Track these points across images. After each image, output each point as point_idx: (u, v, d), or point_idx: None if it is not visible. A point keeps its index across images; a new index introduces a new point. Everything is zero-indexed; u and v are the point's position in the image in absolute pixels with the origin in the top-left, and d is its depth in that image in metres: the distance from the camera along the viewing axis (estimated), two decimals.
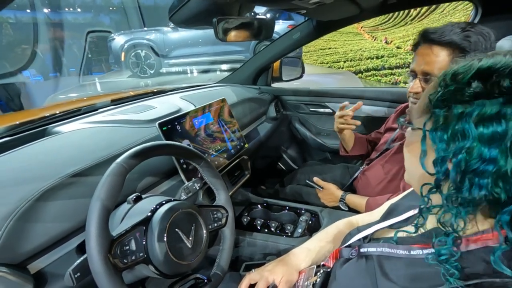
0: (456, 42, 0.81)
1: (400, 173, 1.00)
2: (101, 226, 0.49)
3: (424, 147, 0.40)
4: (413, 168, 0.45)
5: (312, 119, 1.74)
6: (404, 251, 0.43)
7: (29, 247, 0.54)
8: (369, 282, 0.45)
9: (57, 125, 0.94)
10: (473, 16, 1.16)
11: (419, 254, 0.41)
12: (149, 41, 6.58)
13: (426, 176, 0.40)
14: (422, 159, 0.40)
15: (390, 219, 0.56)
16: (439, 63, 0.83)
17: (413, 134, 0.45)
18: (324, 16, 1.18)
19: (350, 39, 10.17)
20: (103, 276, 0.47)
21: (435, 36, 0.84)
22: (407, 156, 0.47)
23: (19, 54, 5.96)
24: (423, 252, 0.41)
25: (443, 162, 0.37)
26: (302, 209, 1.09)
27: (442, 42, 0.82)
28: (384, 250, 0.46)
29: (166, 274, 0.58)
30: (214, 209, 0.74)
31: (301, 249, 0.74)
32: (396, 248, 0.45)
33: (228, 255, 0.74)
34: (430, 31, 0.86)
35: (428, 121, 0.40)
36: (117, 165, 0.55)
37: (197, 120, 1.01)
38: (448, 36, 0.82)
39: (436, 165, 0.37)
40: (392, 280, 0.42)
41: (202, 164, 0.75)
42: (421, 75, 0.87)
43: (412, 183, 0.47)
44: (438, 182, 0.38)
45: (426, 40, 0.86)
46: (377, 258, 0.47)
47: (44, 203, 0.58)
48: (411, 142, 0.45)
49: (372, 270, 0.46)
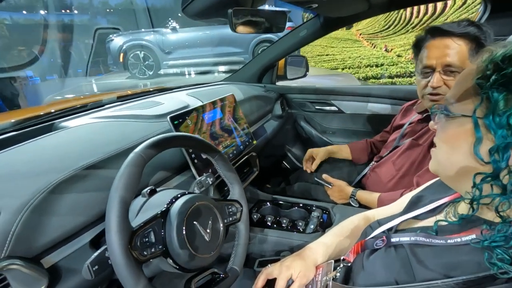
0: (472, 32, 0.82)
1: (412, 169, 1.00)
2: (122, 217, 0.47)
3: (479, 134, 0.37)
4: (452, 158, 0.42)
5: (318, 117, 1.73)
6: (441, 240, 0.42)
7: (44, 240, 0.53)
8: (403, 271, 0.43)
9: (64, 120, 0.92)
10: (481, 13, 1.16)
11: (458, 242, 0.40)
12: (148, 42, 6.56)
13: (474, 165, 0.38)
14: (477, 147, 0.38)
15: (415, 210, 0.55)
16: (460, 54, 0.83)
17: (452, 123, 0.42)
18: (333, 12, 1.17)
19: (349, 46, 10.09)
20: (124, 268, 0.45)
21: (449, 29, 0.84)
22: (443, 147, 0.44)
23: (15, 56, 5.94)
24: (462, 239, 0.40)
25: (506, 149, 0.35)
26: (312, 206, 1.08)
27: (459, 33, 0.83)
28: (419, 239, 0.45)
29: (184, 268, 0.56)
30: (229, 203, 0.73)
31: (317, 243, 0.72)
32: (432, 237, 0.43)
33: (243, 250, 0.72)
34: (440, 26, 0.86)
35: (479, 107, 0.38)
36: (135, 155, 0.54)
37: (207, 115, 1.00)
38: (463, 28, 0.83)
39: (497, 153, 0.35)
40: (429, 268, 0.41)
41: (217, 157, 0.73)
42: (441, 67, 0.86)
43: (447, 174, 0.45)
44: (498, 171, 0.36)
45: (440, 33, 0.87)
46: (409, 246, 0.46)
47: (57, 196, 0.57)
48: (449, 132, 0.43)
49: (405, 259, 0.44)
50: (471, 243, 0.39)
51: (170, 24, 7.04)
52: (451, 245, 0.41)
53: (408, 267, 0.43)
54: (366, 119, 1.61)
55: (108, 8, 10.93)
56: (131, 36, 6.69)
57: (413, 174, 0.97)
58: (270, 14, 0.86)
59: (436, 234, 0.44)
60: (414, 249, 0.45)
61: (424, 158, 0.96)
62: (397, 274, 0.44)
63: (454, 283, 0.37)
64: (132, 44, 6.53)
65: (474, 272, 0.36)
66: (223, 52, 6.75)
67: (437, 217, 0.50)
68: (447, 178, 0.46)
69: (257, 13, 0.80)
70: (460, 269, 0.38)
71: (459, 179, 0.43)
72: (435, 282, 0.38)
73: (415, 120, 1.09)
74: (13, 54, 6.04)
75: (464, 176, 0.41)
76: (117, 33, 6.74)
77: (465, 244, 0.40)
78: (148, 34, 6.72)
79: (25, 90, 3.99)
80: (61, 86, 6.11)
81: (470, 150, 0.39)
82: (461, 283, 0.36)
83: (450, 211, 0.48)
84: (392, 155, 1.12)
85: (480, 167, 0.38)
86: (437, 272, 0.40)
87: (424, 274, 0.41)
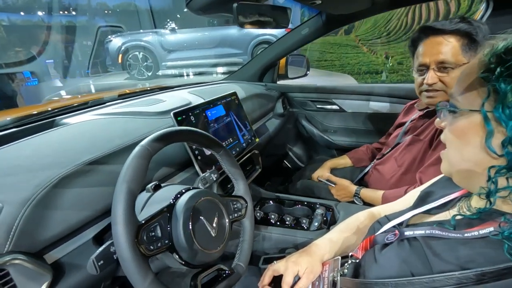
0: (462, 29, 0.85)
1: (414, 164, 0.99)
2: (128, 210, 0.46)
3: (490, 127, 0.37)
4: (464, 154, 0.42)
5: (319, 116, 1.73)
6: (457, 234, 0.42)
7: (47, 235, 0.51)
8: (420, 263, 0.43)
9: (65, 117, 0.91)
10: (484, 10, 1.16)
11: (475, 235, 0.40)
12: (147, 43, 6.55)
13: (487, 159, 0.38)
14: (489, 140, 0.37)
15: (425, 205, 0.54)
16: (452, 50, 0.86)
17: (460, 119, 0.42)
18: (336, 9, 1.17)
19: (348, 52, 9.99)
20: (131, 262, 0.44)
21: (441, 27, 0.87)
22: (454, 144, 0.44)
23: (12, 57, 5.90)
24: (480, 233, 0.39)
25: None
26: (316, 203, 1.07)
27: (449, 30, 0.86)
28: (434, 232, 0.44)
29: (189, 264, 0.56)
30: (234, 199, 0.72)
31: (323, 240, 0.72)
32: (448, 231, 0.43)
33: (249, 247, 0.71)
34: (431, 25, 0.90)
35: (487, 100, 0.37)
36: (141, 148, 0.53)
37: (210, 112, 0.99)
38: (454, 25, 0.86)
39: (511, 144, 0.35)
40: (446, 260, 0.40)
41: (222, 152, 0.73)
42: (435, 65, 0.89)
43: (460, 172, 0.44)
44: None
45: (432, 32, 0.90)
46: (423, 239, 0.45)
47: (61, 190, 0.56)
48: (458, 128, 0.42)
49: (421, 252, 0.44)
50: (490, 235, 0.38)
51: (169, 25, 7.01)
52: (468, 239, 0.40)
53: (424, 259, 0.43)
54: (367, 118, 1.61)
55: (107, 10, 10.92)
56: (130, 37, 6.67)
57: (415, 170, 0.97)
58: (274, 10, 0.85)
59: (454, 229, 0.43)
60: (428, 242, 0.44)
61: (425, 153, 0.96)
62: (413, 266, 0.43)
63: (473, 275, 0.36)
64: (131, 45, 6.51)
65: (501, 262, 0.36)
66: (222, 53, 6.75)
67: (450, 211, 0.49)
68: (459, 177, 0.45)
69: (262, 8, 0.79)
70: (477, 262, 0.38)
71: (472, 176, 0.42)
72: (452, 273, 0.38)
73: (416, 117, 1.10)
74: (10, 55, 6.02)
75: (477, 172, 0.40)
76: (116, 34, 6.72)
77: (482, 237, 0.39)
78: (147, 35, 6.70)
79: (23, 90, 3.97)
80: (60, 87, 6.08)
81: (481, 144, 0.38)
82: (480, 274, 0.36)
83: (464, 206, 0.48)
84: (394, 151, 1.12)
85: (494, 161, 0.38)
86: (454, 264, 0.39)
87: (440, 266, 0.40)
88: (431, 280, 0.39)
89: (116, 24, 8.96)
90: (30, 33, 7.01)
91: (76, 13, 9.70)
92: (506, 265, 0.34)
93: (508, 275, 0.34)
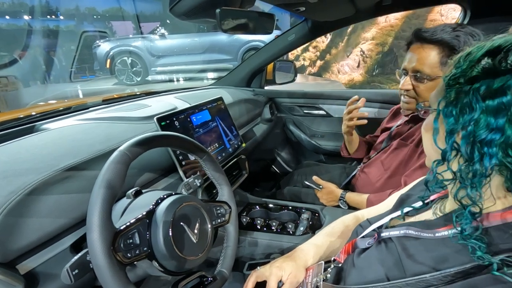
0: (446, 40, 0.83)
1: (400, 168, 1.01)
2: (104, 217, 0.45)
3: (436, 125, 0.41)
4: (429, 148, 0.46)
5: (307, 121, 1.74)
6: (429, 234, 0.43)
7: (21, 244, 0.50)
8: (394, 266, 0.43)
9: (46, 122, 0.89)
10: (461, 19, 1.21)
11: (445, 235, 0.41)
12: (136, 48, 6.50)
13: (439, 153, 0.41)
14: (435, 136, 0.41)
15: (404, 208, 0.55)
16: (429, 61, 0.86)
17: (430, 116, 0.46)
18: (320, 16, 1.19)
19: None
20: (106, 270, 0.43)
21: (426, 35, 0.87)
22: (425, 138, 0.48)
23: None
24: (449, 232, 0.40)
25: (452, 135, 0.38)
26: (302, 208, 1.07)
27: (433, 40, 0.85)
28: (408, 232, 0.45)
29: (170, 271, 0.54)
30: (218, 205, 0.71)
31: (308, 244, 0.72)
32: (421, 231, 0.44)
33: (233, 252, 0.70)
34: (422, 30, 0.89)
35: (442, 100, 0.40)
36: (120, 153, 0.52)
37: (195, 117, 0.98)
38: (439, 35, 0.84)
39: (445, 138, 0.39)
40: (418, 262, 0.41)
41: (205, 158, 0.72)
42: (411, 72, 0.90)
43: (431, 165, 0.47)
44: (444, 155, 0.39)
45: (418, 39, 0.90)
46: (398, 240, 0.46)
47: (37, 197, 0.54)
48: (428, 124, 0.46)
49: (395, 252, 0.44)
50: (451, 237, 0.39)
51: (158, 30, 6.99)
52: (440, 239, 0.41)
53: (398, 262, 0.43)
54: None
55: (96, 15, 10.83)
56: (118, 42, 6.62)
57: (401, 174, 0.98)
58: (258, 16, 0.86)
59: (427, 228, 0.44)
60: (403, 243, 0.45)
61: (411, 158, 0.97)
62: (388, 269, 0.44)
63: (443, 276, 0.37)
64: (119, 50, 6.45)
65: (466, 262, 0.36)
66: (212, 59, 6.76)
67: (427, 212, 0.50)
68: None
69: (245, 14, 0.80)
70: (449, 262, 0.38)
71: None
72: (423, 276, 0.38)
73: (402, 123, 1.12)
74: None
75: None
76: (104, 39, 6.65)
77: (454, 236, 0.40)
78: (136, 40, 6.66)
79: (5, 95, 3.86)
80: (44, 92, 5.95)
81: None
82: (450, 275, 0.36)
83: (438, 207, 0.49)
84: (381, 155, 1.13)
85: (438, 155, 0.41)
86: (426, 266, 0.40)
87: (413, 268, 0.41)
88: (404, 284, 0.40)
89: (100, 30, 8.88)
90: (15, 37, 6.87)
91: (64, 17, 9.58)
92: (473, 265, 0.35)
93: (475, 274, 0.35)
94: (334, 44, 7.18)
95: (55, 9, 9.34)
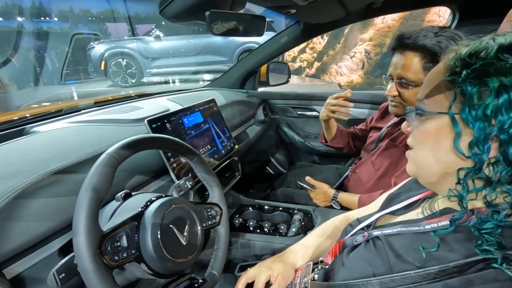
0: (428, 47, 0.83)
1: (390, 169, 1.02)
2: (90, 220, 0.45)
3: (458, 129, 0.38)
4: (435, 156, 0.42)
5: (300, 122, 1.75)
6: (419, 227, 0.43)
7: (7, 248, 0.49)
8: (381, 263, 0.44)
9: (36, 125, 0.88)
10: (450, 21, 1.22)
11: (434, 227, 0.41)
12: (130, 50, 6.47)
13: (456, 161, 0.38)
14: (457, 142, 0.38)
15: (392, 207, 0.56)
16: (413, 68, 0.86)
17: (428, 122, 0.42)
18: (311, 18, 1.20)
19: None
20: (93, 274, 0.43)
21: (409, 41, 0.86)
22: (422, 147, 0.44)
23: None
24: (438, 224, 0.40)
25: (486, 141, 0.35)
26: (294, 209, 1.07)
27: (415, 47, 0.85)
28: (399, 229, 0.45)
29: (159, 273, 0.54)
30: (208, 207, 0.71)
31: (298, 245, 0.72)
32: (411, 226, 0.44)
33: (223, 254, 0.70)
34: (405, 36, 0.88)
35: (454, 103, 0.38)
36: (107, 156, 0.52)
37: (187, 119, 0.98)
38: (421, 41, 0.84)
39: (477, 146, 0.36)
40: (404, 259, 0.41)
41: (195, 159, 0.72)
42: (396, 79, 0.91)
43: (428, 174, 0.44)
44: (481, 164, 0.36)
45: (399, 45, 0.90)
46: (385, 238, 0.46)
47: (23, 201, 0.53)
48: (427, 131, 0.42)
49: (382, 252, 0.45)
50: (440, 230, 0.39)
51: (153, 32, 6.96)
52: (427, 238, 0.41)
53: (385, 259, 0.43)
54: (346, 124, 1.64)
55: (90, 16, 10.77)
56: (113, 44, 6.57)
57: (391, 175, 0.99)
58: (249, 18, 0.86)
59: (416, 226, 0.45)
60: (390, 241, 0.45)
61: (401, 159, 0.98)
62: (375, 267, 0.44)
63: (426, 273, 0.37)
64: (114, 52, 6.41)
65: (445, 263, 0.37)
66: (207, 61, 6.75)
67: (414, 212, 0.51)
68: (427, 179, 0.45)
69: (235, 17, 0.80)
70: (433, 261, 0.39)
71: (440, 179, 0.42)
72: (408, 273, 0.39)
73: (391, 124, 1.13)
74: None
75: (445, 174, 0.41)
76: (99, 41, 6.61)
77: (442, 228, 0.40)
78: (131, 42, 6.62)
79: None
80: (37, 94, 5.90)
81: (450, 146, 0.39)
82: (433, 273, 0.37)
83: (426, 206, 0.49)
84: (371, 155, 1.14)
85: (462, 162, 0.38)
86: (411, 264, 0.40)
87: (400, 266, 0.41)
88: (389, 280, 0.40)
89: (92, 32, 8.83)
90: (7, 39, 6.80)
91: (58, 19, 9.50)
92: (456, 264, 0.36)
93: (458, 274, 0.35)
94: (331, 45, 7.20)
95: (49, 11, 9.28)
